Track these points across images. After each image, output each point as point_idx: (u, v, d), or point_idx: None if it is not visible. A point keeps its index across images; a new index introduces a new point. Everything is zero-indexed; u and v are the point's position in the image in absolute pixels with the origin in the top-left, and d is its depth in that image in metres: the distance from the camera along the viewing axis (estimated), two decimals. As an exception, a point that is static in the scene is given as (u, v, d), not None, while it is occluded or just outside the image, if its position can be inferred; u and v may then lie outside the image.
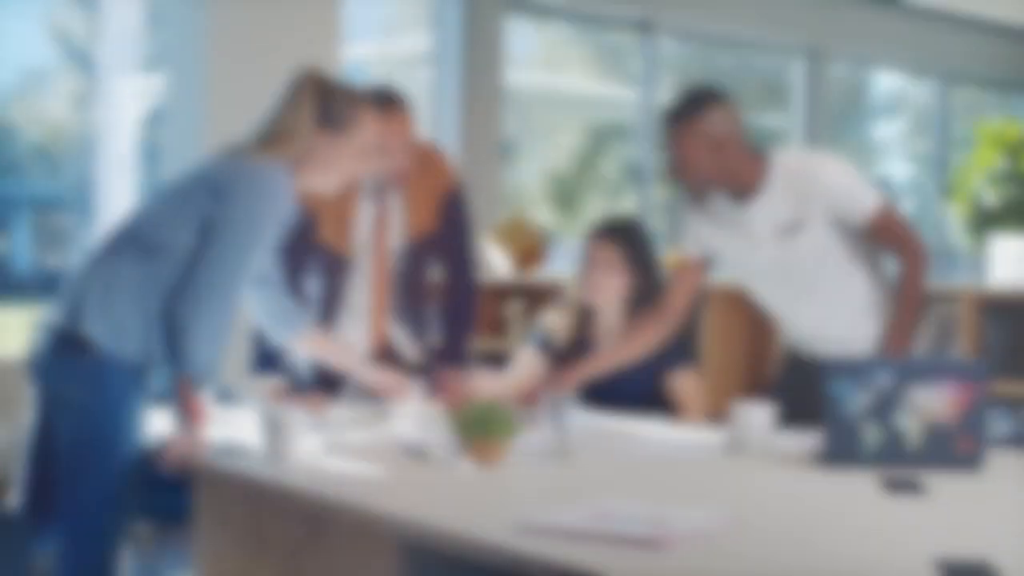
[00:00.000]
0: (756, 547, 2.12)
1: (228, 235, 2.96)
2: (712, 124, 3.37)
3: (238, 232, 2.97)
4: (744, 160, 3.42)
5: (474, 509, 2.46)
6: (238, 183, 3.00)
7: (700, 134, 3.37)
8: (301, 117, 3.11)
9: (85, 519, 2.92)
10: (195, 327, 2.91)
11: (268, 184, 3.02)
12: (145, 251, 2.99)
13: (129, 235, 3.02)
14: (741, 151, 3.41)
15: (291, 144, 3.10)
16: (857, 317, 3.47)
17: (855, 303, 3.47)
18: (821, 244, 3.40)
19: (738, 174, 3.42)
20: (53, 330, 2.96)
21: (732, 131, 3.40)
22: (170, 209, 3.03)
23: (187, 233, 2.98)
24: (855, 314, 3.47)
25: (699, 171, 3.41)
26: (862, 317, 3.47)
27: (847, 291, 3.47)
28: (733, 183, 3.44)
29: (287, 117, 3.11)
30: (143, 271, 2.97)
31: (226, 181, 3.01)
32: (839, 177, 3.40)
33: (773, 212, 3.42)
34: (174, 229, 2.99)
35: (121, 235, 3.04)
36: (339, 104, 3.14)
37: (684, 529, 2.14)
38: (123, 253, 2.99)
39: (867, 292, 3.47)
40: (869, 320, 3.46)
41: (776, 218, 3.42)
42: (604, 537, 2.11)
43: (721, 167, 3.40)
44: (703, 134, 3.37)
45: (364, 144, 3.22)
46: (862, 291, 3.47)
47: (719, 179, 3.42)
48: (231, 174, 3.02)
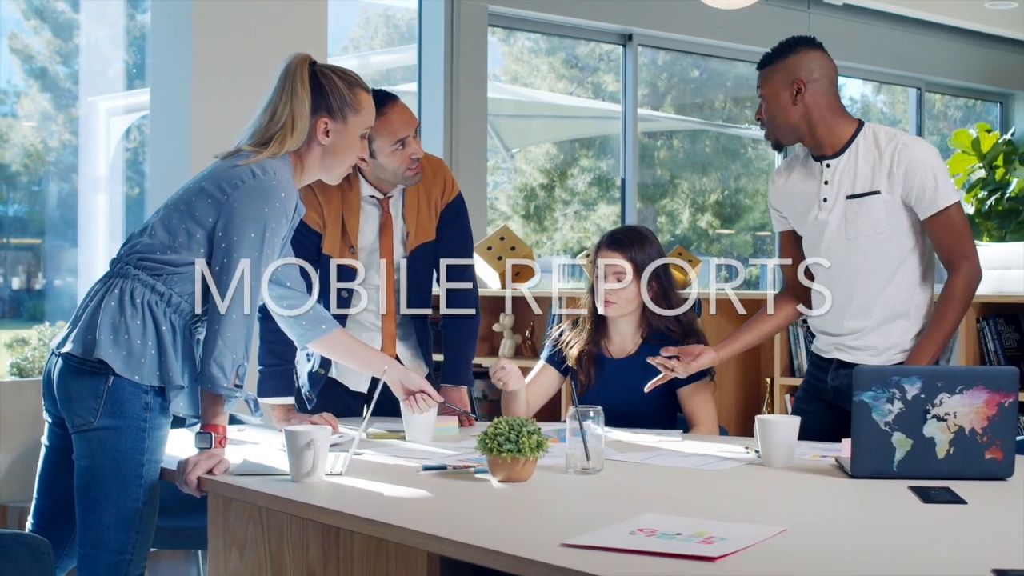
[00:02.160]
0: (807, 560, 2.09)
1: (237, 243, 2.91)
2: (798, 64, 3.44)
3: (247, 238, 2.91)
4: (828, 114, 3.46)
5: (509, 525, 2.43)
6: (240, 187, 2.93)
7: (784, 71, 3.44)
8: (298, 107, 3.03)
9: (105, 542, 2.87)
10: (217, 343, 2.86)
11: (271, 181, 2.94)
12: (153, 272, 2.94)
13: (136, 254, 2.97)
14: (827, 103, 3.45)
15: (291, 137, 3.03)
16: (895, 307, 3.46)
17: (898, 292, 3.46)
18: (885, 218, 3.39)
19: (819, 124, 3.45)
20: (69, 353, 2.91)
21: (818, 77, 3.44)
22: (175, 225, 2.97)
23: (196, 246, 2.94)
24: (894, 304, 3.46)
25: (777, 112, 3.46)
26: (899, 312, 3.46)
27: (895, 278, 3.45)
28: (816, 134, 3.47)
29: (284, 109, 3.03)
30: (154, 293, 2.92)
31: (228, 186, 2.94)
32: (930, 156, 3.41)
33: (852, 173, 3.43)
34: (181, 245, 2.94)
35: (128, 255, 2.98)
36: (337, 90, 3.08)
37: (736, 543, 2.12)
38: (130, 275, 2.94)
39: (911, 289, 3.46)
40: (904, 320, 3.46)
41: (854, 180, 3.43)
42: (655, 553, 2.08)
43: (801, 113, 3.44)
44: (787, 72, 3.43)
45: (366, 129, 3.14)
46: (907, 284, 3.46)
47: (797, 124, 3.46)
48: (232, 178, 2.95)
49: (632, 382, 3.71)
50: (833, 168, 3.47)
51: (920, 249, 3.45)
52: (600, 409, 2.91)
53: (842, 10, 9.14)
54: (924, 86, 10.40)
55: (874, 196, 3.40)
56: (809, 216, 3.52)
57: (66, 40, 6.68)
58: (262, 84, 3.15)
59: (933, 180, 3.37)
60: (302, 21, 5.94)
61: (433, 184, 3.82)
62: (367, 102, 3.14)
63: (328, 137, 3.07)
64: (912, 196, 3.38)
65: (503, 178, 8.78)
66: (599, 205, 9.12)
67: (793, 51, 3.47)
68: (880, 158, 3.40)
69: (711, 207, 9.76)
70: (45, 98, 6.64)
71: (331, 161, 3.11)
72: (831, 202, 3.46)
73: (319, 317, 3.33)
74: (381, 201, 3.76)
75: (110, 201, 6.77)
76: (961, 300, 3.39)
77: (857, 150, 3.45)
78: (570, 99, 9.16)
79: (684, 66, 9.48)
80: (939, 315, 3.39)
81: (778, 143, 3.53)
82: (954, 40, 10.11)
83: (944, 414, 2.75)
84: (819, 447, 3.20)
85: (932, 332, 3.39)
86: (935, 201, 3.37)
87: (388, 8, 8.33)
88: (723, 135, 9.90)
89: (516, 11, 7.81)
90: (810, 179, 3.53)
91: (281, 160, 3.02)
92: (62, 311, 6.63)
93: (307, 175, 3.12)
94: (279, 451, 3.20)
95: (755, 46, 8.93)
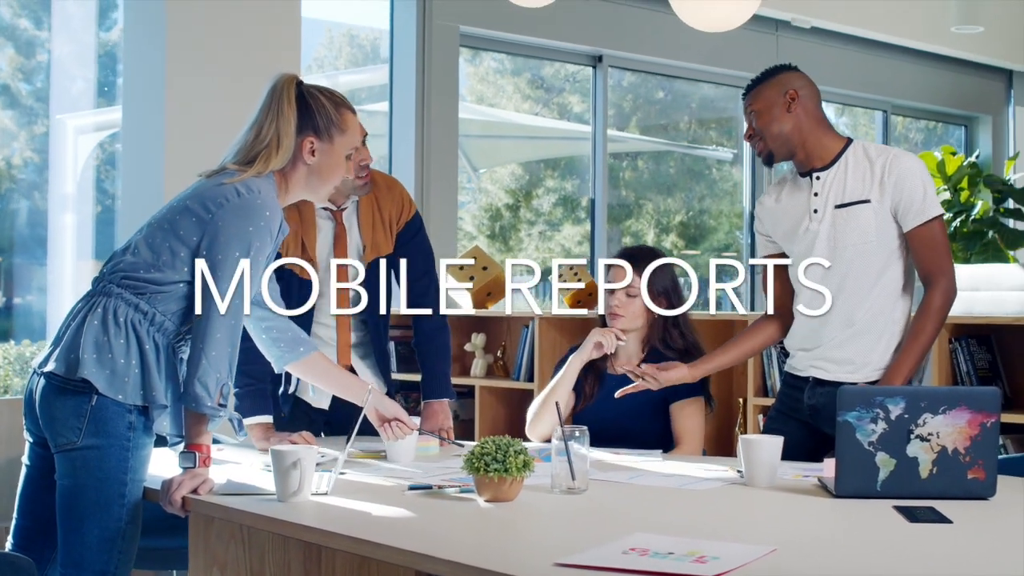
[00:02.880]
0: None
1: (222, 261, 2.89)
2: (789, 81, 3.54)
3: (231, 257, 2.89)
4: (817, 127, 3.55)
5: (500, 545, 2.43)
6: (225, 205, 2.92)
7: (775, 85, 3.54)
8: (284, 126, 3.03)
9: (87, 561, 2.86)
10: (201, 361, 2.85)
11: (255, 200, 2.93)
12: (136, 291, 2.92)
13: (119, 273, 2.95)
14: (815, 117, 3.55)
15: (276, 155, 3.02)
16: (876, 317, 3.49)
17: (879, 302, 3.49)
18: (874, 227, 3.44)
19: (810, 137, 3.53)
20: (52, 372, 2.89)
21: (808, 95, 3.55)
22: (158, 244, 2.95)
23: (180, 264, 2.93)
24: (875, 314, 3.49)
25: (771, 124, 3.52)
26: (879, 324, 3.49)
27: (876, 288, 3.48)
28: (806, 147, 3.53)
29: (269, 128, 3.02)
30: (137, 311, 2.91)
31: (213, 205, 2.93)
32: (920, 168, 3.47)
33: (842, 184, 3.48)
34: (165, 264, 2.93)
35: (111, 273, 2.97)
36: (324, 110, 3.08)
37: (728, 563, 2.13)
38: (113, 293, 2.93)
39: (892, 301, 3.50)
40: (883, 335, 3.49)
41: (844, 190, 3.48)
42: (649, 573, 2.09)
43: (794, 124, 3.52)
44: (778, 85, 3.53)
45: (351, 150, 3.14)
46: (888, 295, 3.49)
47: (790, 136, 3.52)
48: (217, 197, 2.94)
49: (631, 397, 3.73)
50: (823, 180, 3.52)
51: (902, 263, 3.49)
52: (585, 429, 2.92)
53: (810, 33, 9.21)
54: (890, 109, 10.48)
55: (863, 205, 3.45)
56: (800, 229, 3.56)
57: (29, 57, 6.65)
58: (235, 102, 3.15)
59: (923, 191, 3.42)
60: (276, 40, 5.94)
61: (388, 200, 3.83)
62: (353, 122, 3.14)
63: (314, 157, 3.07)
64: (901, 206, 3.43)
65: (467, 198, 8.79)
66: (564, 225, 9.13)
67: (780, 72, 3.59)
68: (871, 168, 3.46)
69: (676, 228, 9.79)
70: (7, 116, 6.60)
71: (316, 181, 3.11)
72: (821, 212, 3.51)
73: (297, 339, 3.32)
74: (335, 213, 3.77)
75: (78, 219, 6.74)
76: (938, 315, 3.43)
77: (847, 162, 3.51)
78: (536, 119, 9.19)
79: (649, 88, 9.52)
80: (916, 329, 3.43)
81: (770, 157, 3.57)
82: (920, 63, 10.20)
83: (927, 434, 2.77)
84: (800, 467, 3.22)
85: (909, 346, 3.43)
86: (923, 211, 3.42)
87: (352, 28, 8.33)
88: (688, 156, 9.95)
89: (487, 32, 7.83)
90: (800, 194, 3.59)
91: (266, 179, 3.01)
92: (30, 330, 6.59)
93: (291, 194, 3.11)
94: (262, 471, 3.19)
95: (725, 68, 9.02)
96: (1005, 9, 10.08)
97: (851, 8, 9.24)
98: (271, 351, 3.31)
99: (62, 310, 6.44)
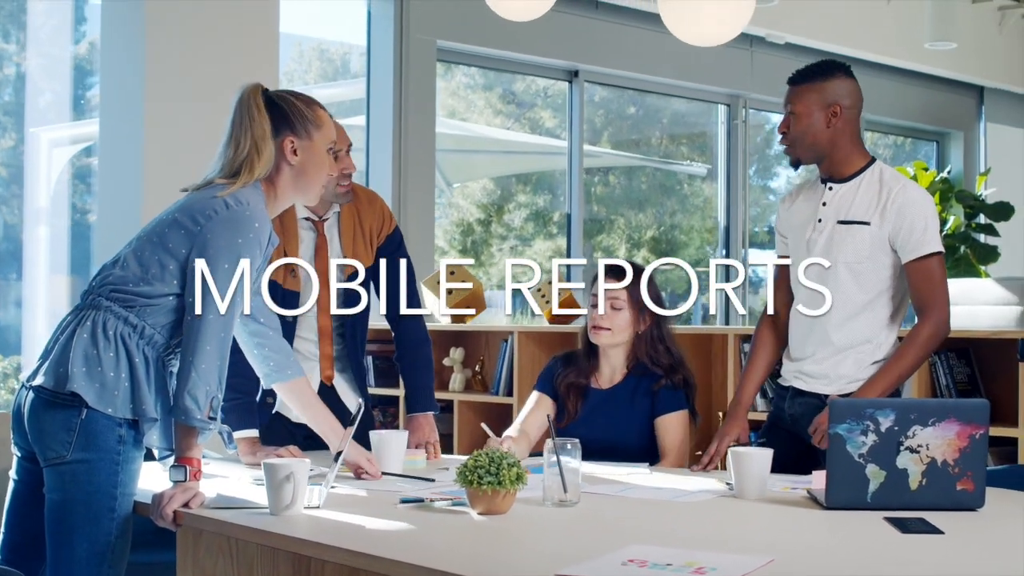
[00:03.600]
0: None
1: (211, 274, 2.87)
2: (835, 89, 3.52)
3: (220, 269, 2.87)
4: (850, 142, 3.54)
5: (498, 557, 2.43)
6: (214, 217, 2.91)
7: (822, 92, 3.51)
8: (259, 132, 3.02)
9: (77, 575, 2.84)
10: (191, 374, 2.84)
11: (244, 212, 2.92)
12: (125, 304, 2.91)
13: (108, 286, 2.94)
14: (853, 130, 3.54)
15: (258, 163, 3.01)
16: (857, 339, 3.50)
17: (864, 328, 3.50)
18: (868, 250, 3.44)
19: (840, 150, 3.52)
20: (41, 385, 2.88)
21: (850, 105, 3.53)
22: (147, 257, 2.94)
23: (169, 277, 2.92)
24: (857, 337, 3.50)
25: (807, 131, 3.52)
26: (859, 345, 3.50)
27: (863, 314, 3.49)
28: (833, 158, 3.53)
29: (245, 138, 3.01)
30: (127, 325, 2.90)
31: (201, 217, 2.91)
32: (926, 202, 3.47)
33: (851, 201, 3.50)
34: (154, 277, 2.92)
35: (100, 287, 2.96)
36: (296, 109, 3.08)
37: (727, 574, 2.14)
38: (103, 307, 2.91)
39: (877, 328, 3.50)
40: (862, 353, 3.50)
41: (850, 207, 3.49)
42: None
43: (829, 137, 3.51)
44: (824, 93, 3.51)
45: (331, 143, 3.13)
46: (874, 322, 3.50)
47: (822, 146, 3.52)
48: (206, 209, 2.92)
49: (615, 412, 3.75)
50: (835, 192, 3.54)
51: (893, 292, 3.50)
52: (577, 442, 2.92)
53: (784, 49, 9.26)
54: (863, 124, 10.55)
55: (863, 226, 3.46)
56: (804, 235, 3.58)
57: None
58: (213, 116, 3.14)
59: (923, 224, 3.43)
60: (253, 55, 5.94)
61: (368, 213, 3.84)
62: (327, 118, 3.15)
63: (297, 156, 3.06)
64: (899, 237, 3.43)
65: (439, 213, 8.80)
66: (536, 240, 9.14)
67: (833, 74, 3.55)
68: (880, 192, 3.47)
69: (647, 243, 9.81)
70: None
71: (304, 181, 3.10)
72: (824, 223, 3.53)
73: (287, 361, 3.32)
74: (316, 223, 3.76)
75: (52, 232, 6.71)
76: (924, 346, 3.45)
77: (862, 181, 3.52)
78: (510, 134, 9.20)
79: (621, 103, 9.55)
80: (899, 354, 3.45)
81: (797, 161, 3.59)
82: (894, 80, 10.27)
83: (917, 446, 2.79)
84: (788, 479, 3.23)
85: (889, 367, 3.44)
86: (921, 245, 3.42)
87: (322, 42, 8.34)
88: (659, 171, 9.98)
89: (464, 46, 7.85)
90: (813, 200, 3.61)
91: (253, 189, 3.00)
92: (4, 344, 6.55)
93: (281, 200, 3.11)
94: (251, 484, 3.18)
95: (701, 83, 9.06)
96: (977, 26, 10.18)
97: (825, 24, 9.30)
98: (260, 367, 3.30)
99: (37, 324, 6.42)
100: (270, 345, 3.27)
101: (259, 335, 3.23)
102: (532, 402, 3.93)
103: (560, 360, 3.95)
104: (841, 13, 9.40)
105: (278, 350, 3.29)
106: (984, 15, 10.27)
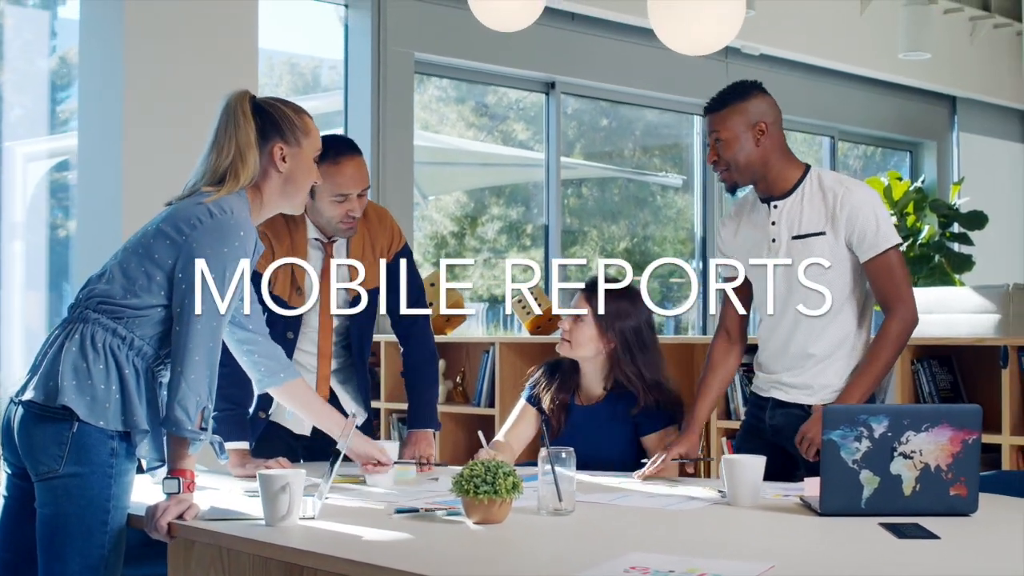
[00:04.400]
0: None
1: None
2: (756, 107, 3.51)
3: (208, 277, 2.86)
4: (781, 156, 3.53)
5: (498, 566, 2.43)
6: (198, 226, 2.89)
7: (744, 113, 3.49)
8: (244, 139, 3.00)
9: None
10: (181, 385, 2.82)
11: (229, 220, 2.90)
12: (113, 316, 2.90)
13: (96, 299, 2.93)
14: (780, 146, 3.54)
15: (244, 170, 2.99)
16: (833, 347, 3.51)
17: (838, 332, 3.51)
18: (829, 259, 3.43)
19: (774, 166, 3.52)
20: (31, 400, 2.86)
21: (773, 121, 3.52)
22: (133, 269, 2.92)
23: (156, 288, 2.90)
24: (832, 344, 3.51)
25: (738, 154, 3.50)
26: (836, 352, 3.52)
27: (835, 319, 3.50)
28: (768, 176, 3.53)
29: (229, 144, 2.99)
30: (115, 337, 2.88)
31: (186, 226, 2.90)
32: (871, 199, 3.49)
33: (799, 214, 3.49)
34: (141, 288, 2.90)
35: (87, 299, 2.94)
36: (285, 116, 3.06)
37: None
38: (90, 319, 2.90)
39: (849, 331, 3.52)
40: (840, 361, 3.52)
41: (800, 221, 3.49)
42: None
43: (760, 155, 3.50)
44: (747, 114, 3.49)
45: (317, 152, 3.11)
46: (846, 325, 3.51)
47: (756, 166, 3.51)
48: (190, 218, 2.90)
49: (597, 430, 3.74)
50: (780, 209, 3.53)
51: (859, 293, 3.52)
52: (572, 451, 2.92)
53: (759, 60, 9.31)
54: (838, 135, 10.62)
55: (819, 237, 3.47)
56: (761, 257, 3.57)
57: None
58: (193, 129, 3.12)
59: (875, 223, 3.44)
60: (233, 69, 5.92)
61: (379, 232, 3.83)
62: (313, 126, 3.13)
63: (285, 163, 3.05)
64: (854, 239, 3.45)
65: (413, 225, 8.81)
66: (510, 253, 9.15)
67: (750, 93, 3.54)
68: (824, 200, 3.47)
69: (620, 254, 9.84)
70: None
71: (292, 188, 3.08)
72: (779, 243, 3.52)
73: (279, 365, 3.29)
74: (325, 245, 3.76)
75: (27, 247, 6.67)
76: (895, 342, 3.46)
77: (803, 192, 3.51)
78: (483, 146, 9.21)
79: (594, 115, 9.57)
80: (872, 354, 3.46)
81: (735, 185, 3.58)
82: (868, 90, 10.34)
83: (910, 451, 2.80)
84: (780, 487, 3.24)
85: (865, 370, 3.46)
86: (876, 243, 3.44)
87: (292, 56, 8.33)
88: (632, 183, 10.01)
89: (441, 58, 7.86)
90: (759, 222, 3.59)
91: (238, 196, 2.98)
92: (-19, 360, 6.51)
93: (267, 207, 3.09)
94: (243, 496, 3.17)
95: (677, 95, 9.08)
96: (950, 36, 10.25)
97: (800, 35, 9.36)
98: (252, 373, 3.28)
99: (13, 340, 6.37)
100: (260, 351, 3.24)
101: (248, 342, 3.21)
102: (517, 412, 3.92)
103: (546, 369, 3.93)
104: (815, 24, 9.46)
105: (269, 355, 3.25)
106: (955, 26, 10.36)
